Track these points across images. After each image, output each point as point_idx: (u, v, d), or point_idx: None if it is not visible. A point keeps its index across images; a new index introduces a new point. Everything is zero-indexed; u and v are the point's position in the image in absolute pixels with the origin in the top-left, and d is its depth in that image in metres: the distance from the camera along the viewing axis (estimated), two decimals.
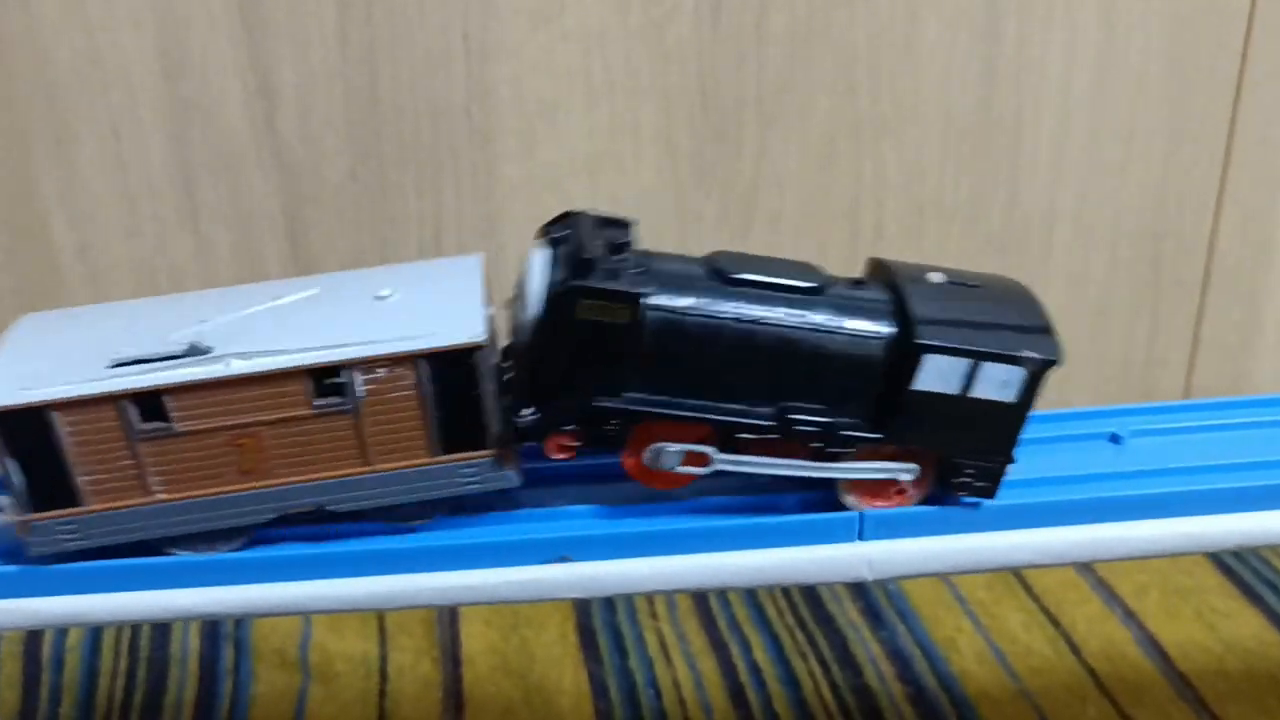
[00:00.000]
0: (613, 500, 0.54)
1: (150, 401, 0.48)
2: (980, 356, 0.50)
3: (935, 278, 0.53)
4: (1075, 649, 0.90)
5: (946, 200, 1.02)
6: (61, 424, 0.48)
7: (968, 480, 0.52)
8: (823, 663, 0.88)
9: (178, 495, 0.50)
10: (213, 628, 0.92)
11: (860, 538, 0.52)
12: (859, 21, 0.95)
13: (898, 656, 0.89)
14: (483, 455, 0.51)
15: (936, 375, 0.50)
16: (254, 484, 0.50)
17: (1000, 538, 0.53)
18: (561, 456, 0.51)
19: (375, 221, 0.96)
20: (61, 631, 0.90)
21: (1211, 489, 0.54)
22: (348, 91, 0.92)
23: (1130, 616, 0.93)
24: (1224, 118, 1.02)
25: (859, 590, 0.95)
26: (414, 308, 0.51)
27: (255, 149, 0.93)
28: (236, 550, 0.52)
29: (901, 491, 0.53)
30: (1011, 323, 0.52)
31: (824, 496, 0.53)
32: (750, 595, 0.96)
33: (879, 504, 0.53)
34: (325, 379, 0.49)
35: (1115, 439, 0.59)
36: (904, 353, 0.50)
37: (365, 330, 0.49)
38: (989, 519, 0.53)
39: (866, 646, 0.90)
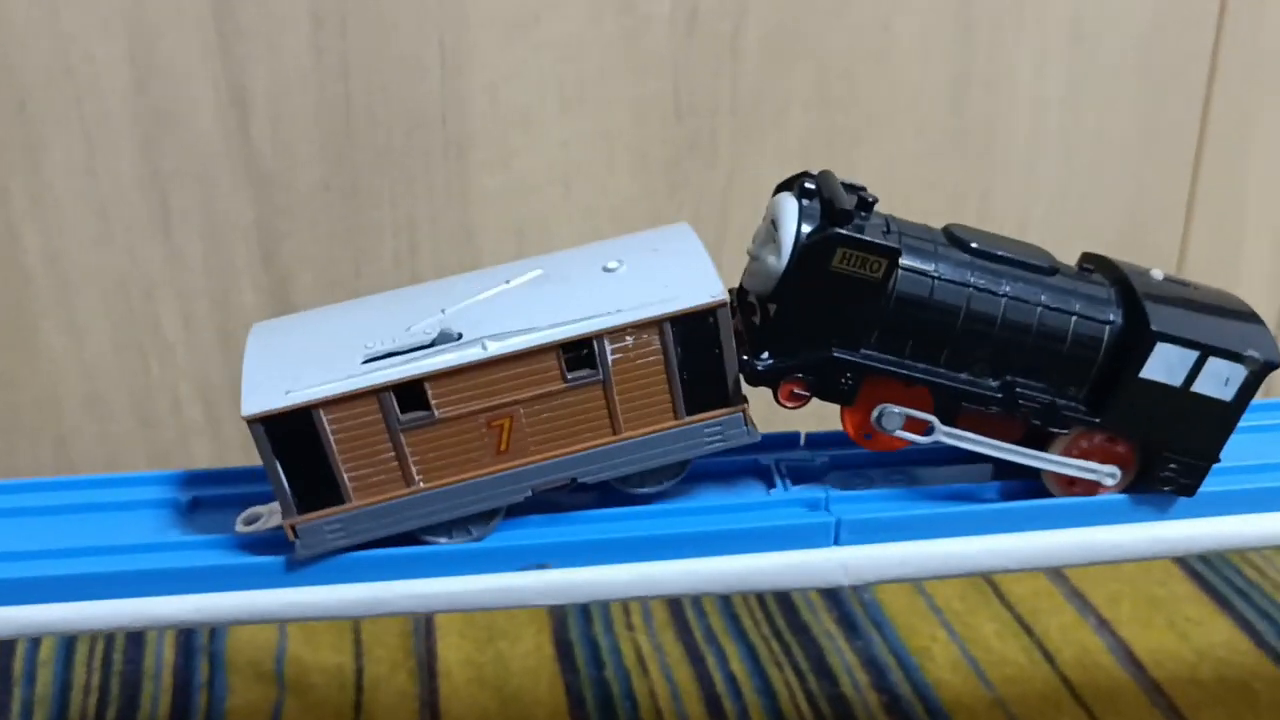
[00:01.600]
0: (588, 507, 0.53)
1: (411, 392, 0.49)
2: (1209, 350, 0.51)
3: (1157, 274, 0.54)
4: (1049, 657, 0.90)
5: (920, 209, 1.01)
6: (327, 423, 0.49)
7: (1171, 475, 0.53)
8: (798, 672, 0.88)
9: (438, 482, 0.50)
10: (187, 640, 0.91)
11: (836, 543, 0.52)
12: (832, 32, 0.95)
13: (873, 665, 0.89)
14: (726, 413, 0.51)
15: (1164, 365, 0.51)
16: (510, 464, 0.51)
17: (978, 543, 0.53)
18: (792, 405, 0.52)
19: (349, 231, 0.96)
20: (34, 643, 0.89)
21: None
22: (321, 101, 0.92)
23: (1103, 625, 0.93)
24: (1193, 127, 1.03)
25: (834, 599, 0.96)
26: (647, 275, 0.51)
27: (228, 158, 0.92)
28: (491, 532, 0.52)
29: (1099, 483, 0.54)
30: (1234, 322, 0.53)
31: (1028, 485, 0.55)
32: (726, 605, 0.95)
33: (1078, 492, 0.54)
34: (576, 352, 0.49)
35: None
36: (1134, 340, 0.51)
37: (607, 301, 0.50)
38: (968, 523, 0.53)
39: (842, 656, 0.90)
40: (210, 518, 0.56)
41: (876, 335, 0.51)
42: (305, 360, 0.50)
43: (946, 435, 0.52)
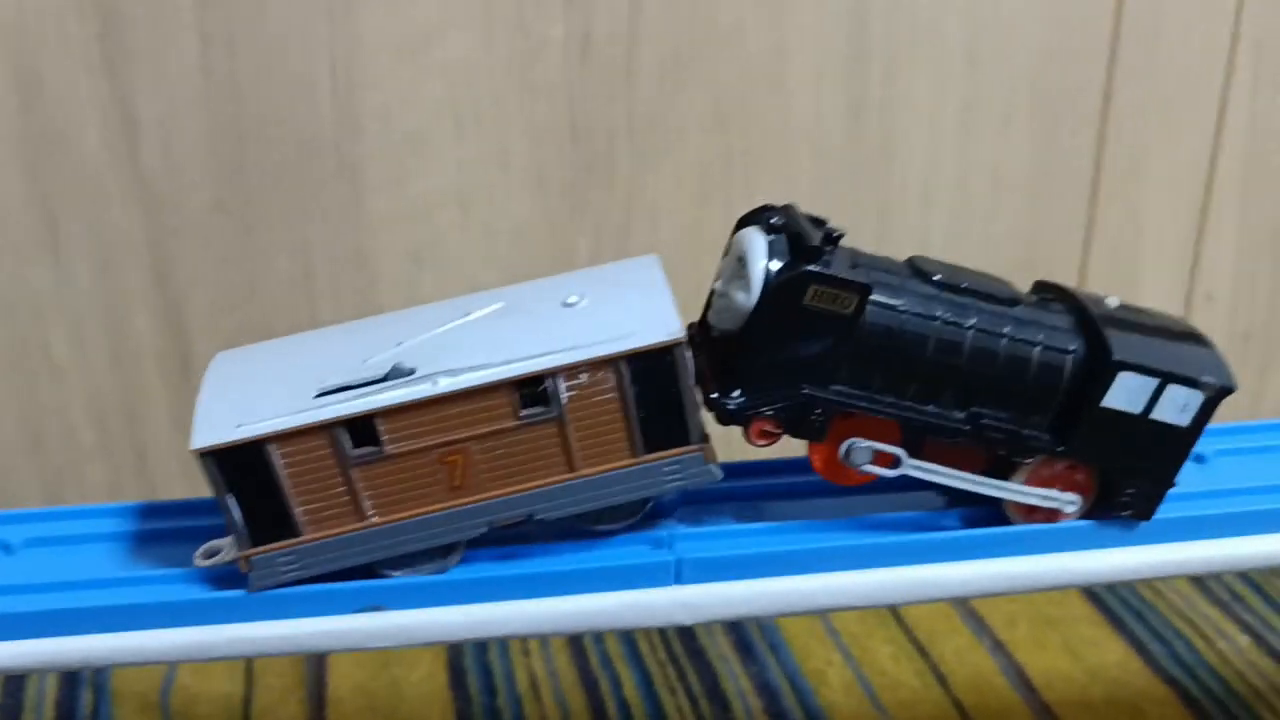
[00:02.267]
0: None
1: (362, 427, 0.49)
2: (1168, 378, 0.51)
3: (1112, 301, 0.55)
4: (943, 680, 0.90)
5: None
6: (278, 456, 0.49)
7: (1128, 500, 0.54)
8: (691, 698, 0.88)
9: (391, 517, 0.50)
10: (71, 672, 0.89)
11: (678, 581, 0.52)
12: (728, 57, 0.95)
13: (766, 690, 0.88)
14: (686, 451, 0.51)
15: (1125, 394, 0.51)
16: (464, 499, 0.51)
17: (818, 580, 0.53)
18: (763, 443, 0.52)
19: (242, 254, 0.95)
20: None
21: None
22: (212, 123, 0.91)
23: (999, 647, 0.94)
24: (1089, 149, 1.04)
25: (731, 622, 0.95)
26: (606, 311, 0.51)
27: (116, 180, 0.91)
28: (451, 567, 0.52)
29: (1059, 510, 0.54)
30: (1188, 349, 0.54)
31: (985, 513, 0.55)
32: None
33: (1038, 519, 0.54)
34: (530, 389, 0.49)
35: None
36: (1096, 369, 0.52)
37: (563, 337, 0.50)
38: (806, 561, 0.53)
39: (736, 680, 0.90)
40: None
41: (846, 371, 0.51)
42: (260, 392, 0.50)
43: (913, 468, 0.53)
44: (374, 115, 0.92)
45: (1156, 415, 0.52)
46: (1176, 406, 0.52)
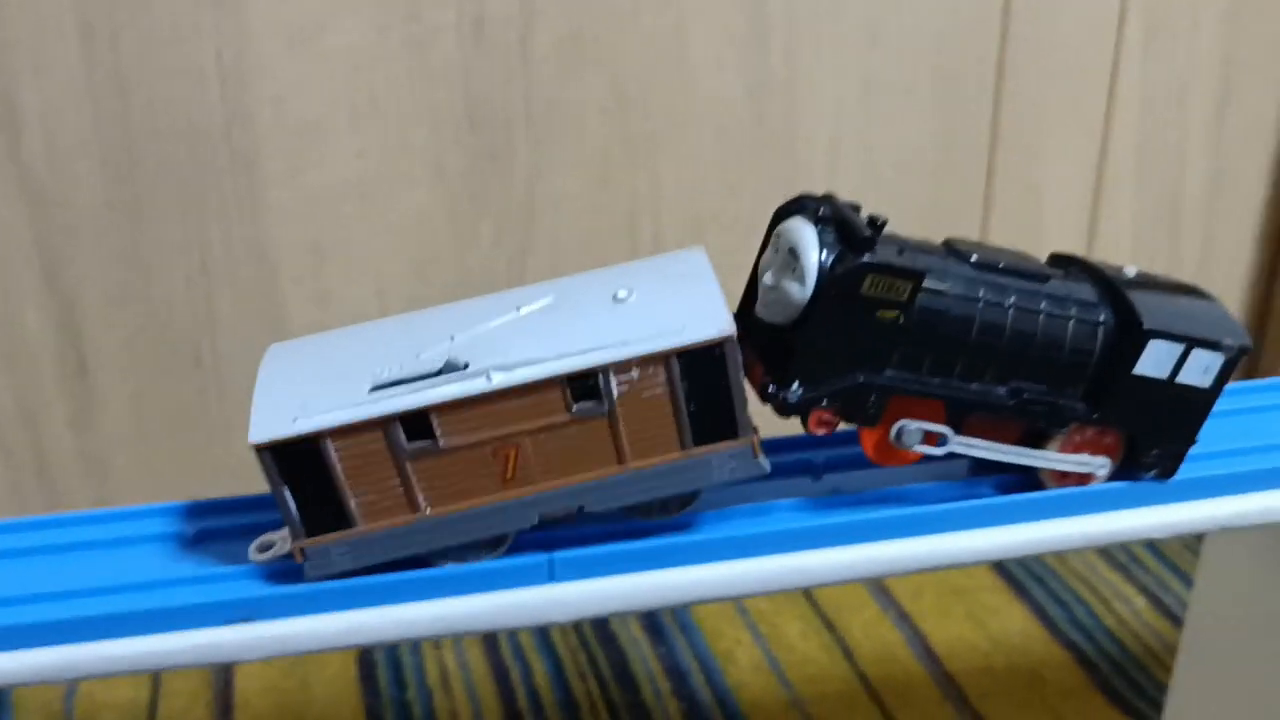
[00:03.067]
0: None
1: (416, 421, 0.49)
2: (1194, 342, 0.53)
3: (1129, 270, 0.56)
4: (849, 654, 0.92)
5: (726, 212, 1.03)
6: (333, 450, 0.49)
7: (1154, 461, 0.56)
8: (601, 683, 0.88)
9: (445, 509, 0.51)
10: None
11: (552, 579, 0.52)
12: (626, 38, 0.95)
13: (675, 672, 0.89)
14: (734, 445, 0.51)
15: (1154, 360, 0.53)
16: (516, 492, 0.51)
17: (692, 572, 0.53)
18: (822, 432, 0.52)
19: (136, 250, 0.93)
20: None
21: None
22: (97, 117, 0.89)
23: (904, 619, 0.95)
24: (986, 128, 1.05)
25: None
26: (655, 306, 0.51)
27: None
28: (499, 557, 0.52)
29: (1092, 474, 0.56)
30: (1204, 313, 0.55)
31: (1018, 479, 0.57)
32: None
33: (1070, 484, 0.56)
34: (582, 384, 0.49)
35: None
36: (1126, 337, 0.53)
37: (614, 333, 0.50)
38: (683, 554, 0.53)
39: (646, 664, 0.90)
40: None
41: (897, 355, 0.52)
42: (315, 386, 0.50)
43: (959, 445, 0.54)
44: (266, 105, 0.91)
45: (1182, 379, 0.54)
46: (1200, 369, 0.54)
